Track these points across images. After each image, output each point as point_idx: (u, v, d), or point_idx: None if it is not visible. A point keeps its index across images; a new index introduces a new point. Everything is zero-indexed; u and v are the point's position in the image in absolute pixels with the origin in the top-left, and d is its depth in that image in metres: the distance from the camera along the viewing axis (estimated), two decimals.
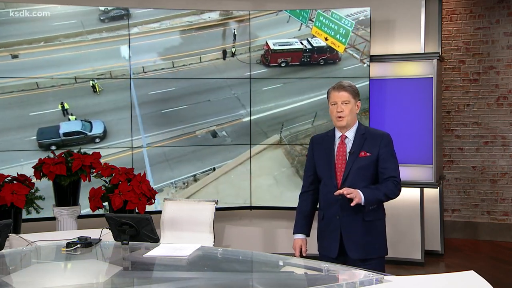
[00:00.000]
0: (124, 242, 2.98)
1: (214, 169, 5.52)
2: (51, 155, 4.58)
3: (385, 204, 3.09)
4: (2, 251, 2.91)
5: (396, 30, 5.61)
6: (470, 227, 6.73)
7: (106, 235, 3.11)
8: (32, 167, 4.52)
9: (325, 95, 3.12)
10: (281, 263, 2.72)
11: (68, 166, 4.43)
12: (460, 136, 6.77)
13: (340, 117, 3.02)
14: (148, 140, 5.36)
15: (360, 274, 2.39)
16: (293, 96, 5.54)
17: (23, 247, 3.07)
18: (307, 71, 5.52)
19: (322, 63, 5.49)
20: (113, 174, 4.38)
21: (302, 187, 3.24)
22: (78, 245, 2.93)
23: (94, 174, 4.53)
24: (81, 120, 5.17)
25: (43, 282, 2.60)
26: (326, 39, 5.45)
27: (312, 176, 3.17)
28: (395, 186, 2.99)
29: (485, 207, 6.68)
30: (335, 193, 2.90)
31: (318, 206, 3.19)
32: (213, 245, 3.18)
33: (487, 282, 2.20)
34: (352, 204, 2.84)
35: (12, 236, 3.26)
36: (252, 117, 5.56)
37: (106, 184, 4.44)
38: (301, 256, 3.09)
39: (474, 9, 6.68)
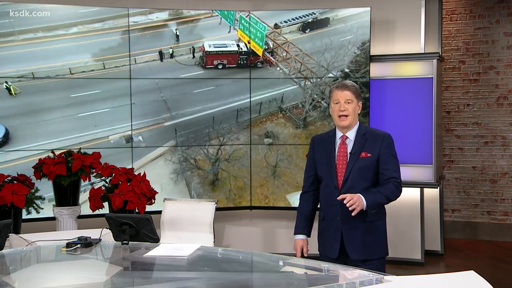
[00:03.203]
0: (124, 242, 2.97)
1: None
2: (51, 155, 4.58)
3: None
4: (2, 251, 2.91)
5: (396, 30, 5.61)
6: (470, 227, 6.73)
7: (106, 235, 3.10)
8: (32, 167, 4.52)
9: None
10: (281, 263, 2.71)
11: (68, 166, 4.43)
12: (460, 136, 6.77)
13: (343, 116, 3.01)
14: (57, 145, 5.00)
15: (360, 274, 2.39)
16: (224, 99, 5.43)
17: (23, 247, 3.06)
18: (243, 73, 5.45)
19: (260, 65, 5.46)
20: (113, 174, 4.39)
21: (302, 188, 3.24)
22: (78, 245, 2.93)
23: (94, 174, 4.53)
24: None
25: (43, 282, 2.60)
26: (248, 42, 5.43)
27: (312, 177, 3.16)
28: (396, 188, 2.98)
29: (485, 207, 6.68)
30: (338, 198, 2.88)
31: (318, 206, 3.19)
32: (213, 245, 3.18)
33: (487, 282, 2.20)
34: (353, 214, 2.84)
35: (12, 236, 3.26)
36: (174, 121, 5.38)
37: (106, 184, 4.44)
38: (302, 256, 3.09)
39: (474, 9, 6.68)
